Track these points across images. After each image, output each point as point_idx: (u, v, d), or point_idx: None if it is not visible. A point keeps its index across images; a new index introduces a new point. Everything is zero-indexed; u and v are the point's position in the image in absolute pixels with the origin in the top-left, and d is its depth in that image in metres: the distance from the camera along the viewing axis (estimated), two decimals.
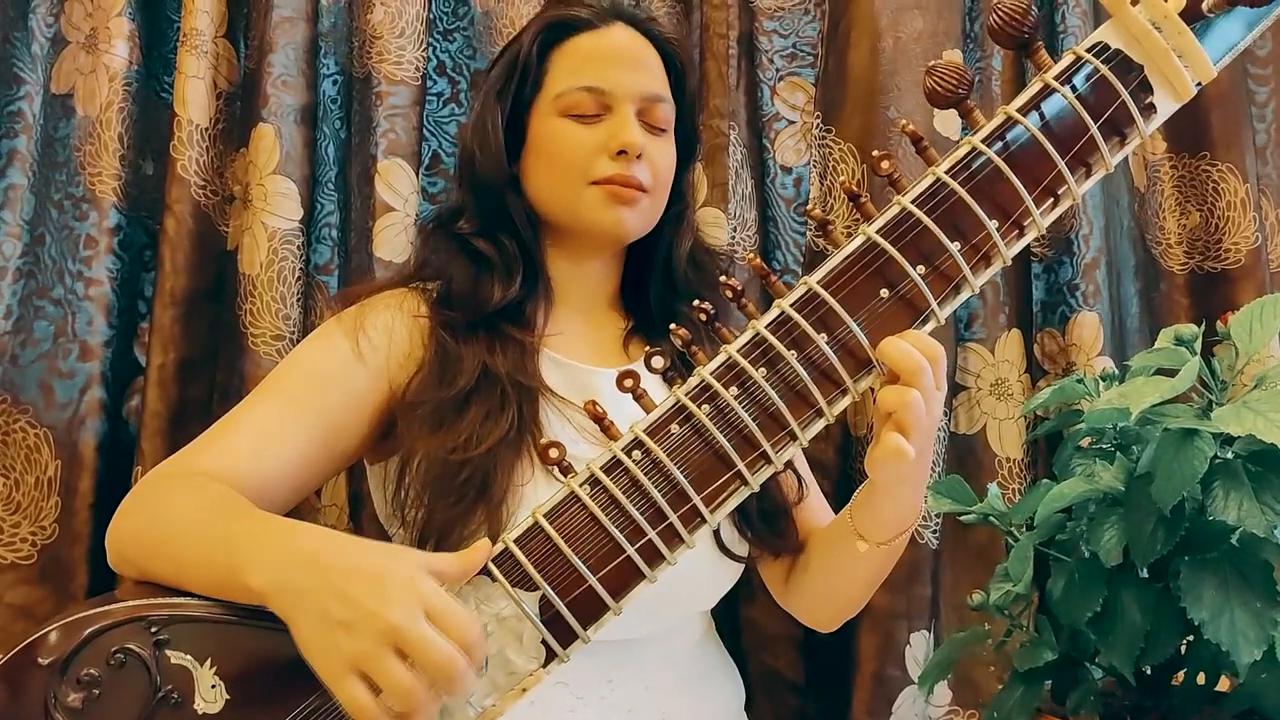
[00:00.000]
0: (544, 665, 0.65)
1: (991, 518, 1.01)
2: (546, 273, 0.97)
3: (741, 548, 0.94)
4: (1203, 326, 0.93)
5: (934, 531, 1.24)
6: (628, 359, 0.98)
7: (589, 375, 0.93)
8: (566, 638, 0.65)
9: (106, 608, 0.66)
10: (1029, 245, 1.29)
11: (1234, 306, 0.99)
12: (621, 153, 0.92)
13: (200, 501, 0.76)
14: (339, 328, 0.91)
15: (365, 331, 0.89)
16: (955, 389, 1.29)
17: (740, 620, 1.26)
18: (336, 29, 1.31)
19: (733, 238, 1.29)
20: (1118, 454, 0.94)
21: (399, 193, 1.25)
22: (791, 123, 1.35)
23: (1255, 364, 0.89)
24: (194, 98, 1.23)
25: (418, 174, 1.28)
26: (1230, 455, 0.84)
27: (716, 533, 0.91)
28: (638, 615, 0.87)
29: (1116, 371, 1.15)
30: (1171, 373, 0.86)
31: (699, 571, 0.91)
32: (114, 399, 1.23)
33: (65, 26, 1.26)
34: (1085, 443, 1.01)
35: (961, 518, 1.03)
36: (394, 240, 1.24)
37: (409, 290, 0.94)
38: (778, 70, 1.35)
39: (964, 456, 1.29)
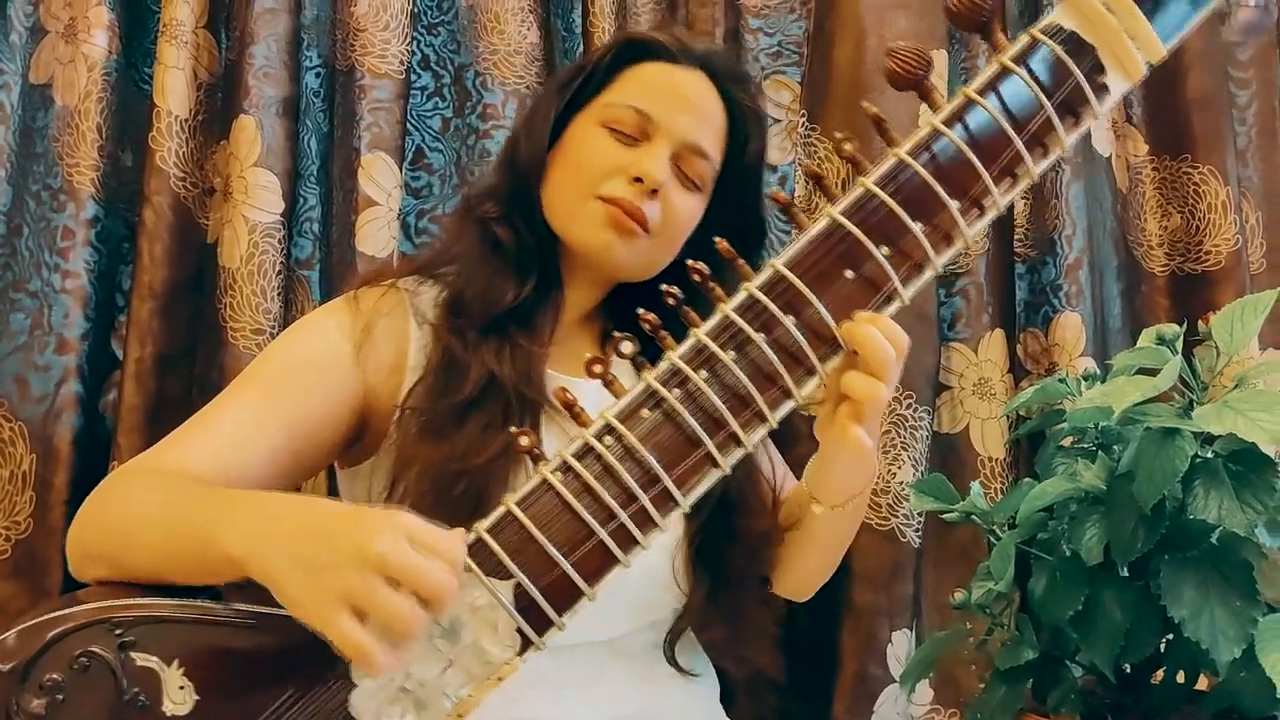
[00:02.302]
0: (520, 653, 0.65)
1: (974, 516, 1.01)
2: (561, 280, 0.94)
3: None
4: (1184, 327, 0.93)
5: (916, 530, 1.24)
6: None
7: (580, 388, 0.91)
8: (542, 625, 0.65)
9: (68, 610, 0.64)
10: (1013, 245, 1.32)
11: (1214, 308, 1.00)
12: (638, 180, 0.89)
13: (167, 490, 0.75)
14: (328, 321, 0.89)
15: (371, 327, 0.88)
16: (938, 388, 1.30)
17: None
18: (320, 21, 1.30)
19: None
20: (1099, 453, 0.95)
21: (382, 187, 1.24)
22: (777, 121, 1.34)
23: (1236, 364, 0.90)
24: (174, 88, 1.22)
25: (401, 168, 1.27)
26: (1211, 454, 0.85)
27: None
28: (616, 615, 0.87)
29: (1098, 371, 1.16)
30: (1153, 372, 0.86)
31: (675, 575, 0.90)
32: (91, 393, 1.21)
33: (44, 16, 1.25)
34: (1067, 442, 1.01)
35: (944, 516, 1.03)
36: (376, 234, 1.24)
37: (400, 290, 0.92)
38: (763, 68, 1.35)
39: (947, 455, 1.29)
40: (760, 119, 1.00)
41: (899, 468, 1.24)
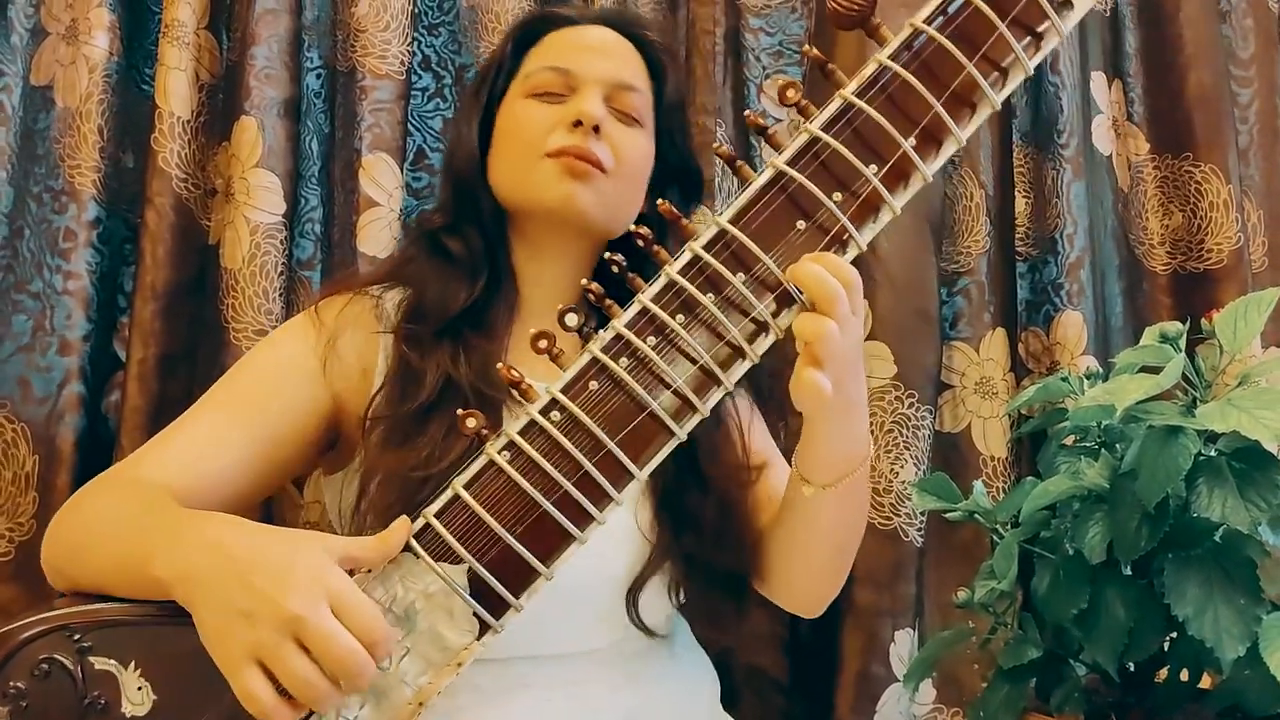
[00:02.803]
0: (478, 638, 0.64)
1: (976, 515, 1.01)
2: (512, 272, 0.95)
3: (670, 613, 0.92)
4: (1187, 325, 0.93)
5: (919, 529, 1.24)
6: None
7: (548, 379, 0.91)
8: (499, 608, 0.63)
9: (28, 619, 0.66)
10: (1014, 245, 1.32)
11: (1216, 307, 1.00)
12: (577, 124, 0.89)
13: (125, 503, 0.75)
14: (305, 327, 0.90)
15: (335, 337, 0.89)
16: (940, 387, 1.30)
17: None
18: (320, 22, 1.30)
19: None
20: (1102, 451, 0.95)
21: (383, 188, 1.24)
22: (778, 120, 1.34)
23: (1239, 362, 0.90)
24: (175, 90, 1.22)
25: (402, 169, 1.27)
26: (1214, 452, 0.84)
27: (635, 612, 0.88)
28: (594, 627, 0.86)
29: (1100, 370, 1.16)
30: (1156, 370, 0.86)
31: (640, 529, 0.89)
32: (93, 394, 1.21)
33: (45, 17, 1.24)
34: (1069, 440, 1.01)
35: (946, 515, 1.03)
36: (378, 235, 1.23)
37: (366, 296, 0.93)
38: (764, 68, 1.35)
39: (949, 455, 1.29)
40: (673, 56, 1.02)
41: (901, 467, 1.24)
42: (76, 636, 0.65)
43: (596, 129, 0.90)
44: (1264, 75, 1.38)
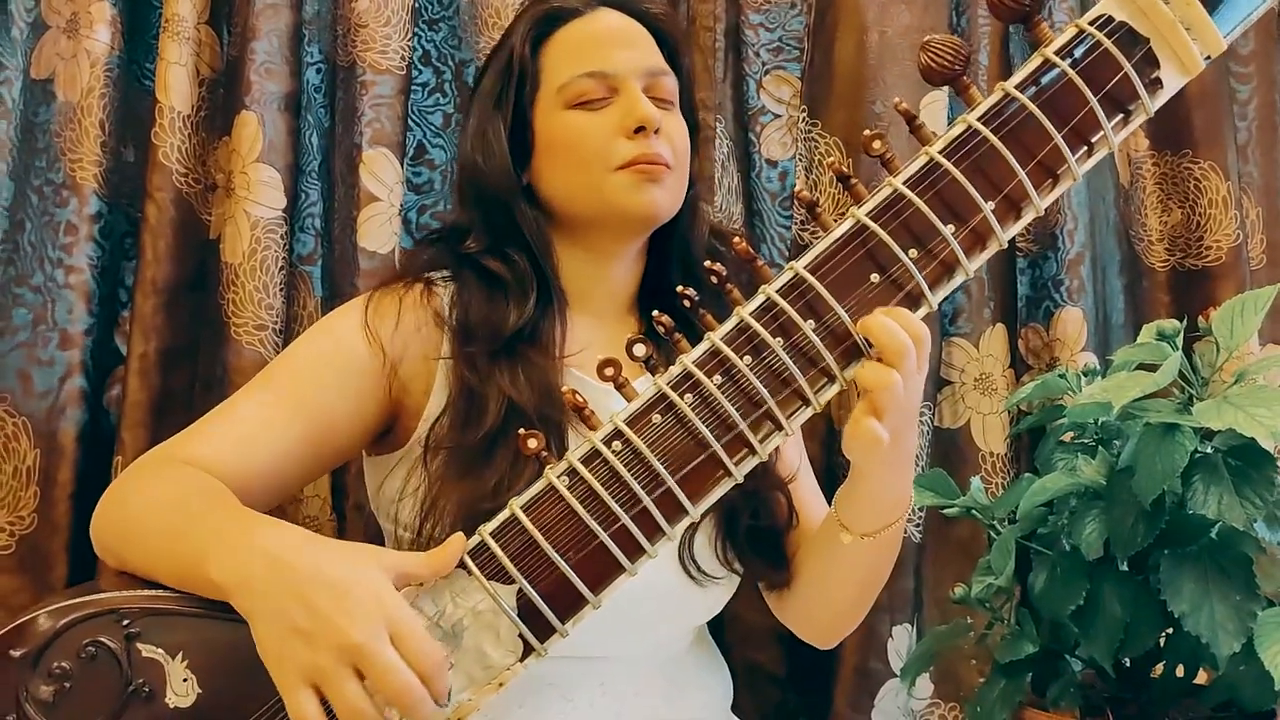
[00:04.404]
0: (521, 660, 0.64)
1: (974, 511, 1.02)
2: (560, 285, 0.94)
3: (724, 572, 0.92)
4: (1184, 322, 0.93)
5: (917, 525, 1.25)
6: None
7: (606, 395, 0.91)
8: (544, 632, 0.64)
9: (77, 600, 0.66)
10: (1015, 240, 1.32)
11: (1214, 304, 1.00)
12: (640, 130, 0.89)
13: (178, 491, 0.75)
14: (348, 322, 0.89)
15: (375, 330, 0.88)
16: (939, 383, 1.30)
17: (723, 614, 1.26)
18: (320, 16, 1.30)
19: (737, 240, 1.28)
20: (1099, 448, 0.95)
21: (383, 182, 1.24)
22: (777, 116, 1.35)
23: (1236, 359, 0.90)
24: (176, 84, 1.22)
25: (402, 164, 1.27)
26: (1210, 450, 0.85)
27: (691, 558, 0.89)
28: (633, 633, 0.86)
29: (1099, 367, 1.16)
30: (1153, 368, 0.86)
31: (691, 593, 0.90)
32: (94, 388, 1.22)
33: (46, 11, 1.25)
34: (1067, 437, 1.02)
35: (944, 511, 1.04)
36: (378, 230, 1.24)
37: (420, 286, 0.92)
38: (764, 64, 1.35)
39: (948, 450, 1.29)
40: (674, 23, 1.02)
41: None
42: (126, 622, 0.65)
43: (657, 131, 0.90)
44: (1263, 72, 1.37)
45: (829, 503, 0.88)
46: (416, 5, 1.30)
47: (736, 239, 0.70)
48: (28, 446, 1.17)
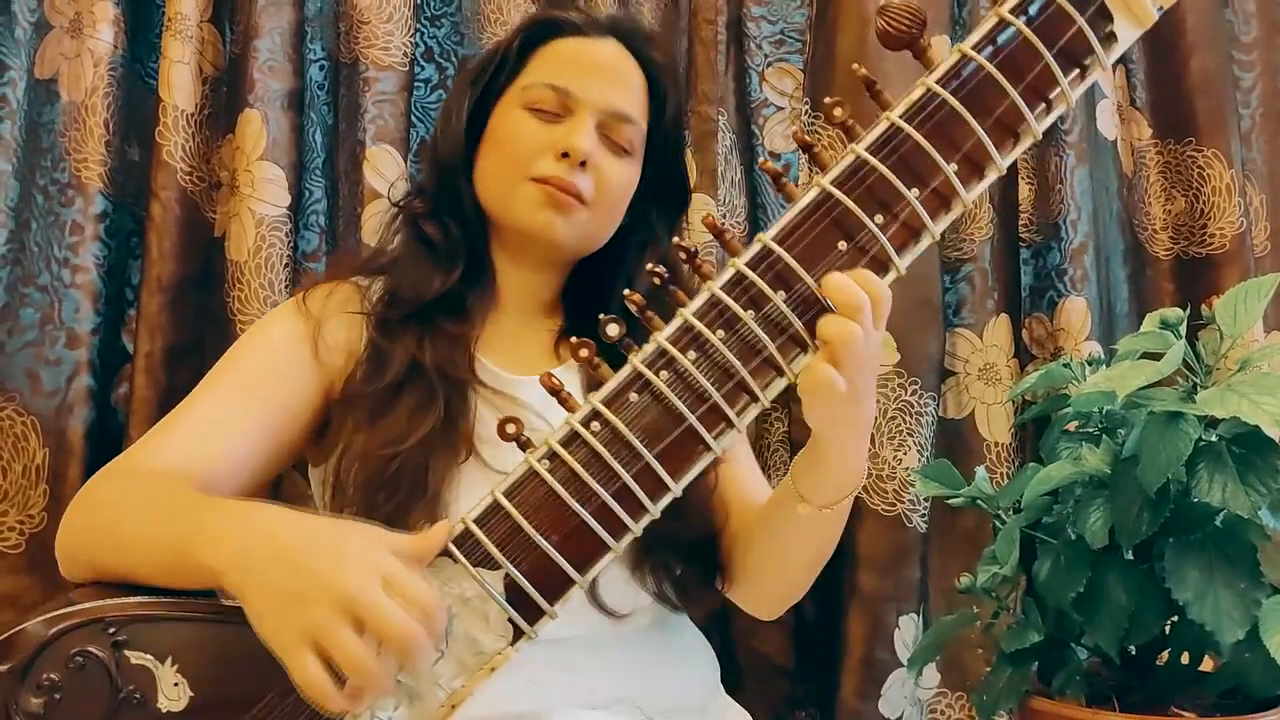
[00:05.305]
0: (512, 644, 0.64)
1: (979, 501, 1.02)
2: (491, 268, 0.97)
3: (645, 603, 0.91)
4: (1188, 311, 0.94)
5: (922, 515, 1.25)
6: (558, 360, 0.96)
7: (515, 385, 0.91)
8: (533, 614, 0.64)
9: (63, 610, 0.65)
10: (1018, 230, 1.32)
11: (1218, 291, 1.00)
12: (565, 155, 0.90)
13: (151, 490, 0.76)
14: (294, 312, 0.92)
15: (321, 322, 0.90)
16: (944, 374, 1.30)
17: (729, 606, 1.27)
18: (323, 14, 1.30)
19: (722, 224, 1.29)
20: (1104, 437, 0.95)
21: (387, 179, 1.25)
22: (780, 109, 1.35)
23: (1239, 347, 0.90)
24: (179, 83, 1.22)
25: (406, 160, 1.27)
26: (1214, 438, 0.85)
27: (595, 597, 0.87)
28: (588, 612, 0.86)
29: (1103, 356, 1.16)
30: (1157, 356, 0.86)
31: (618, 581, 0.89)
32: (102, 386, 1.22)
33: (49, 11, 1.25)
34: (1072, 426, 1.02)
35: (950, 501, 1.04)
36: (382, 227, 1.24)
37: (351, 285, 0.94)
38: (766, 56, 1.35)
39: (952, 441, 1.29)
40: (675, 75, 1.03)
41: (905, 453, 1.25)
42: (112, 630, 0.64)
43: (583, 163, 0.91)
44: (1266, 59, 1.37)
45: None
46: (418, 1, 1.30)
47: (706, 214, 0.70)
48: (37, 445, 1.18)
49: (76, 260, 1.20)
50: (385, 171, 1.25)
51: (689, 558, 0.93)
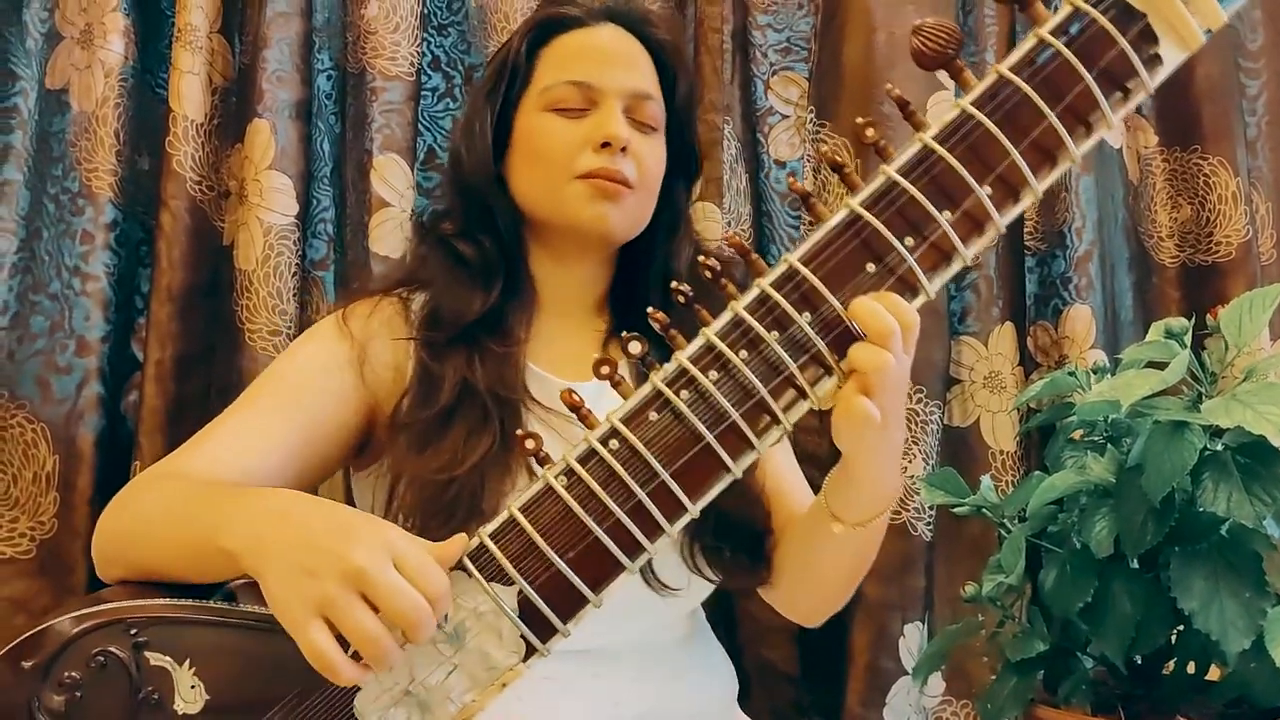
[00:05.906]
0: (524, 660, 0.64)
1: (984, 510, 1.02)
2: (530, 277, 0.97)
3: (693, 581, 0.91)
4: (1193, 319, 0.94)
5: (927, 524, 1.25)
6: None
7: (583, 390, 0.91)
8: (546, 632, 0.64)
9: (86, 610, 0.66)
10: (1023, 238, 1.32)
11: (1225, 299, 1.00)
12: (606, 145, 0.91)
13: (183, 489, 0.77)
14: (336, 331, 0.92)
15: (364, 344, 0.90)
16: (949, 382, 1.30)
17: (736, 613, 1.27)
18: (331, 24, 1.31)
19: (727, 232, 1.29)
20: (1109, 446, 0.95)
21: (394, 188, 1.25)
22: (785, 117, 1.35)
23: (1245, 357, 0.90)
24: (189, 93, 1.23)
25: (413, 169, 1.28)
26: (1220, 447, 0.85)
27: (652, 571, 0.87)
28: (616, 623, 0.85)
29: (1108, 364, 1.16)
30: (1162, 365, 0.86)
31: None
32: (112, 394, 1.23)
33: (60, 22, 1.26)
34: (1077, 435, 1.02)
35: (955, 510, 1.04)
36: (390, 235, 1.25)
37: (394, 299, 0.95)
38: (772, 65, 1.36)
39: (957, 449, 1.29)
40: (679, 51, 1.03)
41: (910, 461, 1.25)
42: (133, 631, 0.65)
43: (624, 149, 0.92)
44: (1273, 67, 1.37)
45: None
46: (425, 11, 1.31)
47: (731, 233, 0.70)
48: (47, 452, 1.19)
49: (87, 269, 1.21)
50: (393, 180, 1.25)
51: (739, 544, 0.93)
